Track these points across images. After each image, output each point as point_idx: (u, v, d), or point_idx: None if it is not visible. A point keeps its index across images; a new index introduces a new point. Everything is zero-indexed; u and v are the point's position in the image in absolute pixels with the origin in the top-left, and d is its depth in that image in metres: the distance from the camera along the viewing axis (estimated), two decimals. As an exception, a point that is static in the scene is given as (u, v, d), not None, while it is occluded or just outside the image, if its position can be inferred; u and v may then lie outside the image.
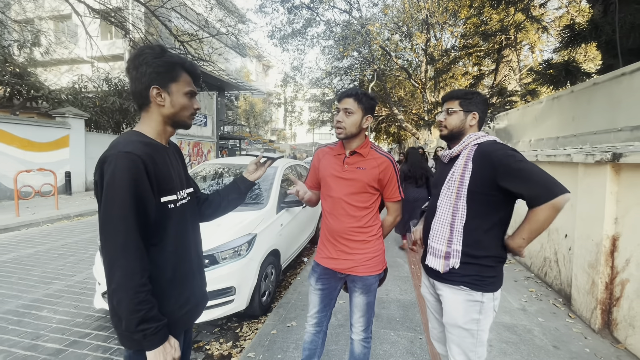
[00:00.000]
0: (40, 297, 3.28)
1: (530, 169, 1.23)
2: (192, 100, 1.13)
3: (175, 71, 1.07)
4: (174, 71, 1.07)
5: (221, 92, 22.28)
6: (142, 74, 1.03)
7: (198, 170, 4.34)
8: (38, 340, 2.58)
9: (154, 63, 1.03)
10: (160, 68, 1.04)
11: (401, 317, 2.88)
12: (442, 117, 1.52)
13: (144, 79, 1.03)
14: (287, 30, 15.23)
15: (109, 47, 17.52)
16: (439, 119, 1.53)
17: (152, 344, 0.95)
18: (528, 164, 1.25)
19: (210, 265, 2.59)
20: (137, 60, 1.04)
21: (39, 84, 11.32)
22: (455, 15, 11.56)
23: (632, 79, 3.06)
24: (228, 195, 1.39)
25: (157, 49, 1.06)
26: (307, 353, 1.80)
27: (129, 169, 0.93)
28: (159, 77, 1.04)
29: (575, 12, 7.75)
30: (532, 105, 5.48)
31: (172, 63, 1.07)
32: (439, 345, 1.68)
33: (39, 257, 4.51)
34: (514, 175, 1.25)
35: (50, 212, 7.05)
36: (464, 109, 1.46)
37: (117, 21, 9.47)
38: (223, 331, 2.86)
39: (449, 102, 1.51)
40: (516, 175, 1.24)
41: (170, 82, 1.06)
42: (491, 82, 9.40)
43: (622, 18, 3.47)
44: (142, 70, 1.03)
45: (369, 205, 1.64)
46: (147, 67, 1.03)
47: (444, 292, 1.45)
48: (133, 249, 0.93)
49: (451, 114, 1.48)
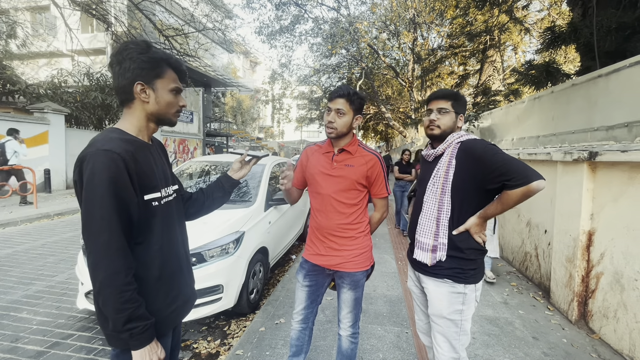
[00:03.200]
0: (19, 299, 3.18)
1: (509, 158, 1.32)
2: (177, 97, 1.11)
3: (160, 67, 1.05)
4: (159, 67, 1.05)
5: (208, 88, 21.92)
6: (126, 70, 1.01)
7: (184, 168, 4.28)
8: (18, 342, 2.50)
9: (139, 59, 1.01)
10: (145, 64, 1.02)
11: (388, 313, 2.94)
12: (434, 116, 1.49)
13: (127, 75, 1.01)
14: (275, 27, 15.13)
15: (90, 40, 16.95)
16: (431, 118, 1.50)
17: (139, 343, 0.94)
18: (506, 155, 1.33)
19: (198, 263, 2.56)
20: (120, 55, 1.02)
21: (15, 77, 10.88)
22: (442, 15, 11.74)
23: (608, 80, 3.19)
24: (212, 194, 1.37)
25: (142, 44, 1.04)
26: (294, 349, 1.82)
27: (109, 168, 0.91)
28: (143, 73, 1.02)
29: (556, 14, 7.99)
30: (514, 104, 5.64)
31: (158, 59, 1.05)
32: (424, 337, 1.74)
33: (18, 257, 4.36)
34: (493, 163, 1.32)
35: (28, 211, 6.81)
36: (454, 110, 1.49)
37: (99, 14, 9.16)
38: (211, 329, 2.85)
39: (441, 102, 1.50)
40: (495, 163, 1.31)
41: (155, 78, 1.04)
42: (476, 81, 9.59)
43: (600, 21, 3.61)
44: (126, 66, 1.01)
45: (357, 202, 1.66)
46: (131, 63, 1.01)
47: (429, 285, 1.51)
48: (116, 248, 0.92)
49: (444, 114, 1.48)
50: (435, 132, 1.50)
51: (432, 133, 1.52)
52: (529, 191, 1.26)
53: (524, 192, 1.27)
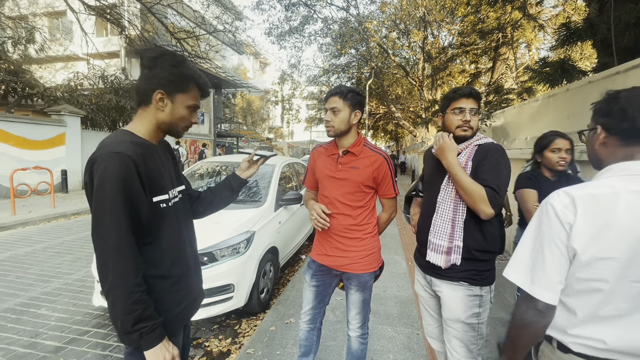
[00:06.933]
0: (38, 295, 3.28)
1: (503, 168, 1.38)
2: (192, 114, 1.12)
3: (186, 83, 1.07)
4: (186, 83, 1.07)
5: (218, 89, 22.17)
6: (154, 76, 1.03)
7: (195, 169, 4.34)
8: (37, 338, 2.58)
9: (170, 71, 1.03)
10: (174, 77, 1.04)
11: (398, 313, 2.92)
12: (469, 116, 1.43)
13: (154, 81, 1.03)
14: (285, 28, 15.19)
15: (105, 44, 17.34)
16: (465, 118, 1.43)
17: (149, 343, 0.95)
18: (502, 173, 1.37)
19: (209, 262, 2.60)
20: (154, 61, 1.04)
21: (34, 81, 11.20)
22: (453, 13, 11.58)
23: (626, 77, 3.09)
24: (220, 193, 1.38)
25: (179, 57, 1.06)
26: (303, 350, 1.82)
27: (120, 170, 0.92)
28: (169, 84, 1.04)
29: (571, 10, 7.79)
30: (528, 103, 5.52)
31: (188, 76, 1.07)
32: (433, 341, 1.70)
33: (37, 255, 4.50)
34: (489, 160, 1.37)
35: (46, 211, 7.02)
36: (479, 110, 1.47)
37: (113, 18, 9.39)
38: (222, 328, 2.88)
39: (471, 101, 1.43)
40: (485, 166, 1.37)
41: (179, 92, 1.06)
42: (488, 80, 9.43)
43: (617, 17, 3.50)
44: (156, 73, 1.03)
45: (364, 204, 1.65)
46: (162, 72, 1.03)
47: (443, 288, 1.48)
48: (125, 249, 0.93)
49: (476, 115, 1.44)
50: (469, 134, 1.45)
51: (466, 135, 1.45)
52: (475, 207, 1.33)
53: (482, 194, 1.31)
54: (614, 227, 0.78)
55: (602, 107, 0.90)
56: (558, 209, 0.84)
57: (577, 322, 0.84)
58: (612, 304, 0.80)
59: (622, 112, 0.84)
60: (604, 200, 0.80)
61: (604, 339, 0.80)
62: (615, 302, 0.80)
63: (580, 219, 0.81)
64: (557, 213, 0.83)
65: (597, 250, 0.79)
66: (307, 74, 18.61)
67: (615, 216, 0.78)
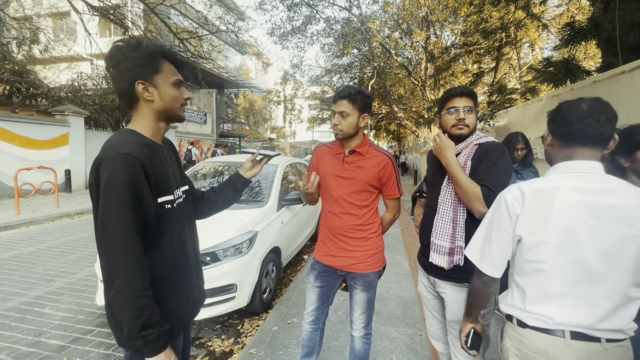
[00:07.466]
0: (42, 295, 3.30)
1: (502, 167, 1.36)
2: (180, 89, 1.08)
3: (156, 61, 1.03)
4: (155, 62, 1.02)
5: (221, 89, 22.23)
6: (124, 71, 0.99)
7: (198, 169, 4.35)
8: (41, 337, 2.60)
9: (133, 56, 0.99)
10: (141, 61, 0.99)
11: (401, 314, 2.91)
12: (463, 115, 1.42)
13: (126, 76, 0.99)
14: (287, 28, 15.18)
15: (108, 44, 17.22)
16: (460, 117, 1.42)
17: (154, 351, 0.93)
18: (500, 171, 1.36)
19: (212, 262, 2.60)
20: (115, 58, 1.00)
21: (38, 81, 11.29)
22: (455, 13, 11.54)
23: (631, 77, 3.07)
24: (224, 193, 1.37)
25: (133, 41, 1.02)
26: (306, 350, 1.82)
27: (127, 172, 0.90)
28: (141, 71, 0.99)
29: (575, 9, 7.74)
30: (532, 103, 5.49)
31: (152, 53, 1.02)
32: (436, 342, 1.70)
33: (40, 254, 4.53)
34: (488, 159, 1.37)
35: (50, 210, 7.06)
36: (476, 108, 1.46)
37: (116, 18, 9.44)
38: (224, 328, 2.89)
39: (466, 99, 1.43)
40: (489, 160, 1.36)
41: (154, 74, 1.02)
42: (491, 79, 9.39)
43: (622, 16, 3.47)
44: (123, 67, 0.99)
45: (369, 204, 1.65)
46: (127, 63, 0.98)
47: (447, 290, 1.47)
48: (132, 252, 0.90)
49: (470, 113, 1.43)
50: (465, 132, 1.44)
51: (462, 133, 1.44)
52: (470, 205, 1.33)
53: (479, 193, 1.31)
54: (552, 216, 0.95)
55: (550, 115, 1.07)
56: (509, 202, 1.01)
57: (529, 300, 1.00)
58: (554, 284, 0.95)
59: (562, 119, 1.00)
60: (547, 193, 0.97)
61: (552, 316, 0.95)
62: (557, 282, 0.95)
63: (525, 210, 0.98)
64: (507, 205, 1.00)
65: (538, 236, 0.96)
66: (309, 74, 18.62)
67: (553, 208, 0.94)
